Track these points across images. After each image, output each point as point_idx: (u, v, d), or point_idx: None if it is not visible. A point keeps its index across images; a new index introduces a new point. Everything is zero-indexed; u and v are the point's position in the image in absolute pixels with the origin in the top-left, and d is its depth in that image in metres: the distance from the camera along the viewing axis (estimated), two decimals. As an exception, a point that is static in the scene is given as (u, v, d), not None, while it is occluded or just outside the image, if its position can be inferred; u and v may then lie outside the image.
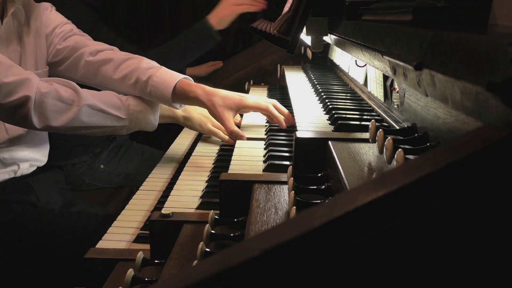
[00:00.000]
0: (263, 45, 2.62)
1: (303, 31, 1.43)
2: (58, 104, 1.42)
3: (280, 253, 0.41)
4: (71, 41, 1.73)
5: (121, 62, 1.64)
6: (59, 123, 1.43)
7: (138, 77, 1.58)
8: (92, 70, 1.68)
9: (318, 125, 1.21)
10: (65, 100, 1.43)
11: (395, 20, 0.83)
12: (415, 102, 0.88)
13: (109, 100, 1.49)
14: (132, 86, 1.59)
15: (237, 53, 2.81)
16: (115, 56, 1.67)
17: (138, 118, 1.52)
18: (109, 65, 1.65)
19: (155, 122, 1.55)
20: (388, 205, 0.41)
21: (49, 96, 1.40)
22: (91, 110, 1.45)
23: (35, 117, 1.41)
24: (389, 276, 0.43)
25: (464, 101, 0.49)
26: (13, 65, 1.43)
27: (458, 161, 0.41)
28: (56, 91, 1.42)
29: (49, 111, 1.41)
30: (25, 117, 1.40)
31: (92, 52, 1.69)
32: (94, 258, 1.05)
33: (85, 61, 1.68)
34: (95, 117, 1.46)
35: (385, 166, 0.80)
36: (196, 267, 0.46)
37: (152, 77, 1.55)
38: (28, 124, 1.44)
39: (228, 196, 1.02)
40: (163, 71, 1.57)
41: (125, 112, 1.50)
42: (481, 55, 0.46)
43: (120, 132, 1.55)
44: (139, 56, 1.68)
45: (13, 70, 1.41)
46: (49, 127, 1.44)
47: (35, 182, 1.74)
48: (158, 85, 1.53)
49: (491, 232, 0.42)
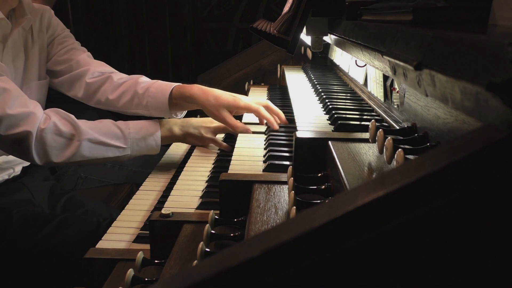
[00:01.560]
0: (263, 45, 2.62)
1: (303, 31, 1.43)
2: (58, 139, 1.40)
3: (280, 253, 0.41)
4: (72, 56, 1.73)
5: (120, 83, 1.66)
6: (61, 159, 1.42)
7: (135, 91, 1.61)
8: (90, 92, 1.70)
9: (318, 125, 1.21)
10: (64, 134, 1.41)
11: (395, 20, 0.83)
12: (415, 102, 0.88)
13: (109, 131, 1.48)
14: (128, 102, 1.62)
15: (237, 53, 2.81)
16: (115, 77, 1.69)
17: (140, 145, 1.51)
18: (108, 85, 1.67)
19: (157, 147, 1.55)
20: (388, 205, 0.41)
21: (48, 132, 1.39)
22: (92, 144, 1.44)
23: (36, 153, 1.39)
24: (389, 276, 0.43)
25: (464, 101, 0.49)
26: (20, 95, 1.41)
27: (458, 161, 0.40)
28: (55, 125, 1.40)
29: (49, 147, 1.40)
30: (27, 152, 1.39)
31: (94, 74, 1.70)
32: (94, 258, 1.05)
33: (85, 82, 1.69)
34: (96, 150, 1.45)
35: (385, 166, 0.80)
36: (196, 267, 0.46)
37: (150, 88, 1.58)
38: (30, 159, 1.42)
39: (228, 196, 1.02)
40: (160, 82, 1.61)
41: (126, 141, 1.49)
42: (481, 55, 0.46)
43: (123, 160, 1.55)
44: (138, 75, 1.70)
45: (20, 101, 1.39)
46: (50, 162, 1.43)
47: (27, 181, 1.74)
48: (155, 94, 1.56)
49: (491, 232, 0.42)
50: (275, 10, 3.73)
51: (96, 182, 2.12)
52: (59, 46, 1.74)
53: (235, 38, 4.00)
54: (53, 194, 1.80)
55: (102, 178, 2.13)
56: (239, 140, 1.46)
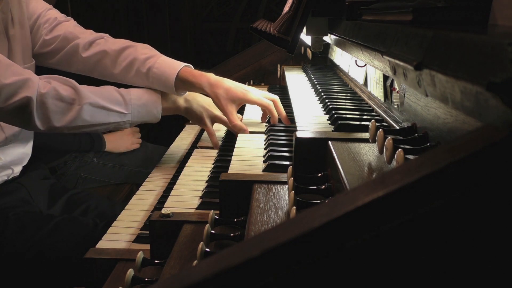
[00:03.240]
0: (263, 45, 2.62)
1: (303, 31, 1.43)
2: (59, 104, 1.40)
3: (280, 253, 0.41)
4: (59, 31, 1.70)
5: (117, 55, 1.63)
6: (62, 123, 1.41)
7: (138, 69, 1.58)
8: (89, 66, 1.67)
9: (318, 125, 1.21)
10: (65, 99, 1.41)
11: (395, 20, 0.83)
12: (415, 102, 0.88)
13: (111, 96, 1.47)
14: (133, 78, 1.60)
15: (237, 53, 2.81)
16: (109, 48, 1.66)
17: (141, 112, 1.50)
18: (106, 60, 1.65)
19: (158, 115, 1.54)
20: (388, 205, 0.41)
21: (49, 96, 1.38)
22: (93, 108, 1.43)
23: (38, 118, 1.38)
24: (389, 276, 0.43)
25: (464, 101, 0.49)
26: (12, 64, 1.40)
27: (458, 161, 0.40)
28: (55, 90, 1.40)
29: (50, 112, 1.39)
30: (29, 119, 1.38)
31: (86, 46, 1.67)
32: (94, 258, 1.05)
33: (81, 57, 1.67)
34: (97, 114, 1.44)
35: (385, 166, 0.80)
36: (196, 267, 0.46)
37: (152, 68, 1.55)
38: (31, 126, 1.41)
39: (228, 196, 1.02)
40: (161, 61, 1.57)
41: (128, 106, 1.48)
42: (481, 55, 0.46)
43: (124, 127, 1.54)
44: (131, 43, 1.67)
45: (13, 69, 1.38)
46: (52, 127, 1.42)
47: (26, 181, 1.74)
48: (159, 76, 1.54)
49: (492, 232, 0.42)
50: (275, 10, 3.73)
51: (96, 182, 2.13)
52: (44, 25, 1.71)
53: (235, 38, 4.00)
54: (53, 193, 1.79)
55: (102, 178, 2.13)
56: (239, 140, 1.46)
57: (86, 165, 2.11)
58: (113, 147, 2.19)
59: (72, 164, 2.09)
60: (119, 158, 2.18)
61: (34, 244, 1.46)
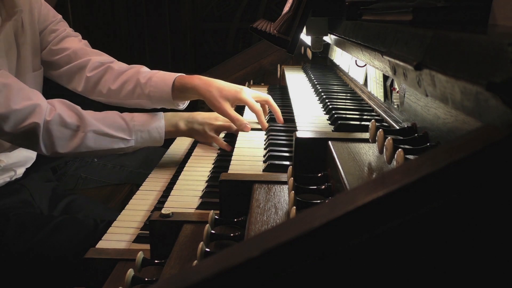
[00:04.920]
0: (263, 45, 2.62)
1: (303, 31, 1.42)
2: (64, 130, 1.42)
3: (280, 253, 0.41)
4: (68, 44, 1.72)
5: (121, 72, 1.67)
6: (66, 150, 1.43)
7: (138, 80, 1.62)
8: (90, 85, 1.70)
9: (318, 125, 1.21)
10: (70, 126, 1.42)
11: (395, 20, 0.83)
12: (415, 102, 0.88)
13: (114, 122, 1.49)
14: (130, 92, 1.63)
15: (237, 53, 2.81)
16: (115, 66, 1.69)
17: (144, 138, 1.52)
18: (109, 75, 1.67)
19: (161, 140, 1.55)
20: (388, 205, 0.41)
21: (54, 123, 1.40)
22: (97, 136, 1.45)
23: (43, 144, 1.41)
24: (389, 276, 0.43)
25: (464, 101, 0.49)
26: (22, 88, 1.41)
27: (458, 161, 0.40)
28: (60, 117, 1.41)
29: (55, 138, 1.41)
30: (35, 143, 1.40)
31: (95, 64, 1.70)
32: (94, 258, 1.05)
33: (85, 76, 1.69)
34: (101, 141, 1.46)
35: (385, 166, 0.80)
36: (196, 267, 0.46)
37: (152, 78, 1.60)
38: (38, 150, 1.44)
39: (228, 196, 1.02)
40: (162, 73, 1.62)
41: (131, 133, 1.50)
42: (481, 55, 0.46)
43: (127, 151, 1.55)
44: (138, 65, 1.71)
45: (23, 94, 1.39)
46: (57, 153, 1.44)
47: (28, 182, 1.74)
48: (158, 84, 1.57)
49: (491, 232, 0.42)
50: (275, 10, 3.73)
51: (97, 182, 2.12)
52: (52, 34, 1.72)
53: (235, 38, 4.00)
54: (54, 196, 1.79)
55: (103, 178, 2.13)
56: (239, 140, 1.46)
57: (87, 166, 2.11)
58: None
59: (72, 164, 2.09)
60: (120, 159, 2.18)
61: (34, 244, 1.46)
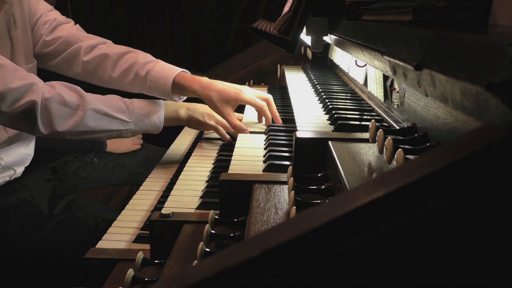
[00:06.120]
0: (263, 45, 2.62)
1: (303, 31, 1.42)
2: (63, 109, 1.41)
3: (280, 253, 0.41)
4: (60, 33, 1.71)
5: (118, 58, 1.65)
6: (65, 128, 1.42)
7: (137, 72, 1.60)
8: (89, 70, 1.68)
9: (318, 125, 1.21)
10: (69, 104, 1.42)
11: (395, 20, 0.83)
12: (415, 102, 0.88)
13: (114, 104, 1.49)
14: (131, 82, 1.62)
15: (237, 53, 2.81)
16: (110, 51, 1.67)
17: (143, 121, 1.52)
18: (106, 63, 1.66)
19: (160, 125, 1.56)
20: (388, 205, 0.41)
21: (53, 101, 1.39)
22: (97, 114, 1.45)
23: (41, 123, 1.39)
24: (389, 276, 0.43)
25: (464, 101, 0.49)
26: (18, 69, 1.41)
27: (458, 161, 0.40)
28: (59, 95, 1.41)
29: (54, 116, 1.40)
30: (33, 123, 1.39)
31: (87, 49, 1.68)
32: (94, 258, 1.05)
33: (81, 60, 1.68)
34: (100, 121, 1.46)
35: (385, 166, 0.80)
36: (196, 267, 0.46)
37: (151, 71, 1.58)
38: (35, 131, 1.42)
39: (228, 196, 1.02)
40: (161, 65, 1.60)
41: (130, 115, 1.50)
42: (481, 55, 0.46)
43: (126, 136, 1.55)
44: (133, 49, 1.69)
45: (18, 73, 1.39)
46: (55, 132, 1.43)
47: (28, 182, 1.74)
48: (157, 79, 1.57)
49: (491, 232, 0.42)
50: (275, 10, 3.73)
51: (97, 182, 2.13)
52: (44, 26, 1.71)
53: (235, 38, 4.00)
54: (54, 195, 1.79)
55: (103, 178, 2.13)
56: (239, 140, 1.46)
57: (87, 166, 2.11)
58: (114, 148, 2.19)
59: (72, 164, 2.09)
60: (120, 159, 2.18)
61: (35, 244, 1.46)
